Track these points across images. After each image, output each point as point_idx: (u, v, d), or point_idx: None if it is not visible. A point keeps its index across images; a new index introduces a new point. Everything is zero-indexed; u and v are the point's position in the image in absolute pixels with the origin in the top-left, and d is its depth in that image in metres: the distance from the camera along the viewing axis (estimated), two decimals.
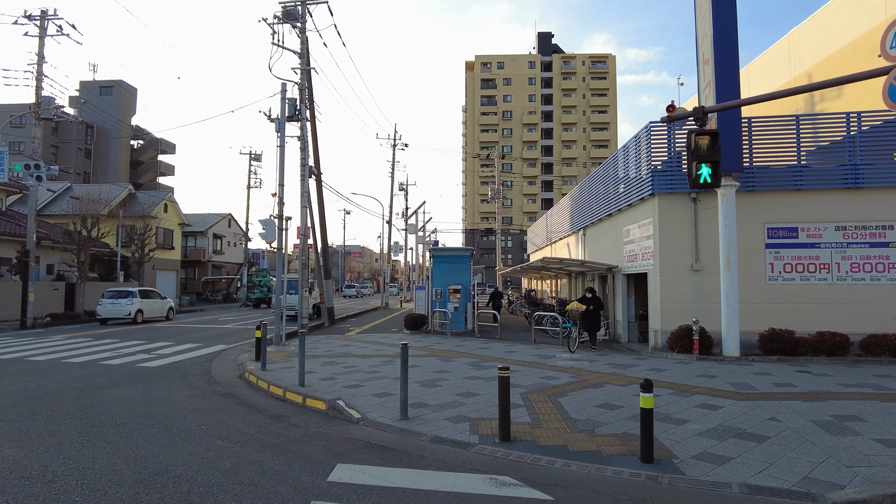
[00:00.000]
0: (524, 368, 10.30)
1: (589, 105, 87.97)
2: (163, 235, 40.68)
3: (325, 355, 12.65)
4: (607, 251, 17.19)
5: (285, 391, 8.44)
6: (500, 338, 15.56)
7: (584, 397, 7.86)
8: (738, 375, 9.35)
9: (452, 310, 18.16)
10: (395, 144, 38.67)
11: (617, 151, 16.19)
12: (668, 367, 10.24)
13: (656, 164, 13.06)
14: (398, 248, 44.30)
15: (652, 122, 13.14)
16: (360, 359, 11.95)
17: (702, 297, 12.59)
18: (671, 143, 13.07)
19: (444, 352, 12.84)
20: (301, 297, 18.94)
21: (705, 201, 12.72)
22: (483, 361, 11.23)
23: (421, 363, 11.08)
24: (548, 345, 14.15)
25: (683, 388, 8.41)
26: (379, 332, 18.42)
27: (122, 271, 33.61)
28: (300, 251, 19.43)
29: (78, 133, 57.46)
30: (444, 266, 18.77)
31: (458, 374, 9.85)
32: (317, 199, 21.93)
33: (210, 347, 14.84)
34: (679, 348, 11.32)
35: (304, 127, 19.81)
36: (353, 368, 10.64)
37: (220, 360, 12.65)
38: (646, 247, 13.69)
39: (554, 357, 11.74)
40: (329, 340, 15.93)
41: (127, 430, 6.33)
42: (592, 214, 18.93)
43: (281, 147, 15.85)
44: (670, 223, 12.89)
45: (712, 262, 12.59)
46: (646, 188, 13.30)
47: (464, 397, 7.95)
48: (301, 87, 20.08)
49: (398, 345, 15.55)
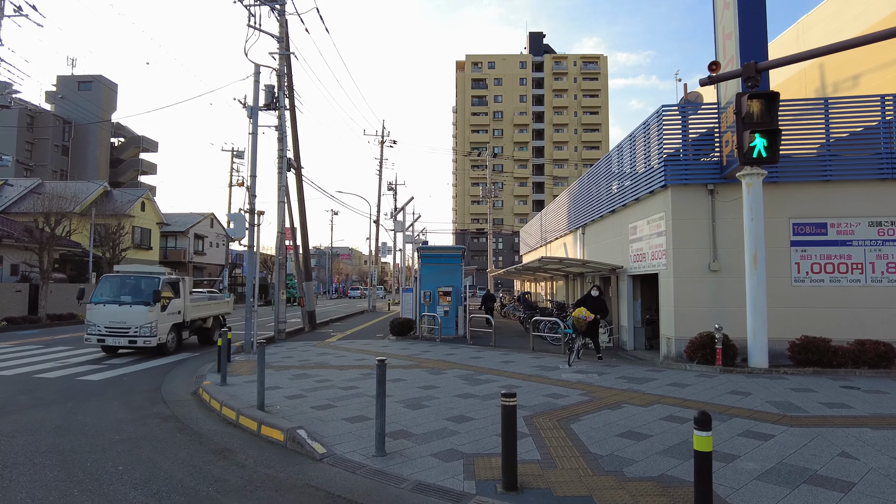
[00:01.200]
0: (525, 384, 8.90)
1: (580, 106, 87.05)
2: (140, 235, 38.90)
3: (298, 366, 11.18)
4: (610, 250, 15.88)
5: (239, 414, 6.97)
6: (494, 345, 14.16)
7: (602, 422, 6.47)
8: (775, 392, 8.02)
9: (442, 314, 16.74)
10: (382, 141, 37.24)
11: (622, 141, 14.89)
12: (691, 382, 8.89)
13: (669, 153, 11.74)
14: (387, 250, 42.81)
15: (664, 106, 11.84)
16: (337, 370, 10.49)
17: (720, 300, 11.28)
18: (686, 129, 11.77)
19: (433, 362, 11.41)
20: (277, 301, 17.46)
21: (724, 193, 11.42)
22: (477, 374, 9.82)
23: (406, 376, 9.65)
24: (548, 353, 12.77)
25: (717, 408, 7.06)
26: (362, 339, 16.95)
27: (94, 272, 31.85)
28: (276, 250, 17.92)
29: (55, 129, 55.38)
30: (434, 266, 17.36)
31: (449, 390, 8.43)
32: (297, 195, 20.45)
33: (174, 356, 13.31)
34: (699, 358, 9.98)
35: (282, 116, 18.36)
36: (327, 383, 9.18)
37: (179, 370, 11.15)
38: (656, 245, 12.37)
39: (557, 369, 10.36)
40: (306, 348, 14.44)
41: (13, 476, 4.84)
42: (593, 211, 17.62)
43: (253, 134, 14.35)
44: (685, 218, 11.58)
45: (732, 262, 11.30)
46: (657, 179, 11.99)
47: (455, 422, 6.53)
48: (279, 74, 18.63)
49: (382, 353, 14.12)
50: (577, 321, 11.01)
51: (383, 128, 37.14)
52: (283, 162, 18.16)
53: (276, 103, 18.09)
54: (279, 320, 17.37)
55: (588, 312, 10.81)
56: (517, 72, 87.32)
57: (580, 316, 10.94)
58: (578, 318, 10.97)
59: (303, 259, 21.03)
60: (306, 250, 20.93)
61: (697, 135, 11.77)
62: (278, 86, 18.40)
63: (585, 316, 10.87)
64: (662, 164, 11.66)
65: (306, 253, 20.95)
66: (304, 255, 20.96)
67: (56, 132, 55.72)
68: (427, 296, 16.81)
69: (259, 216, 14.19)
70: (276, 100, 18.15)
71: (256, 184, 14.25)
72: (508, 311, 27.12)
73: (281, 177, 18.10)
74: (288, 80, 19.70)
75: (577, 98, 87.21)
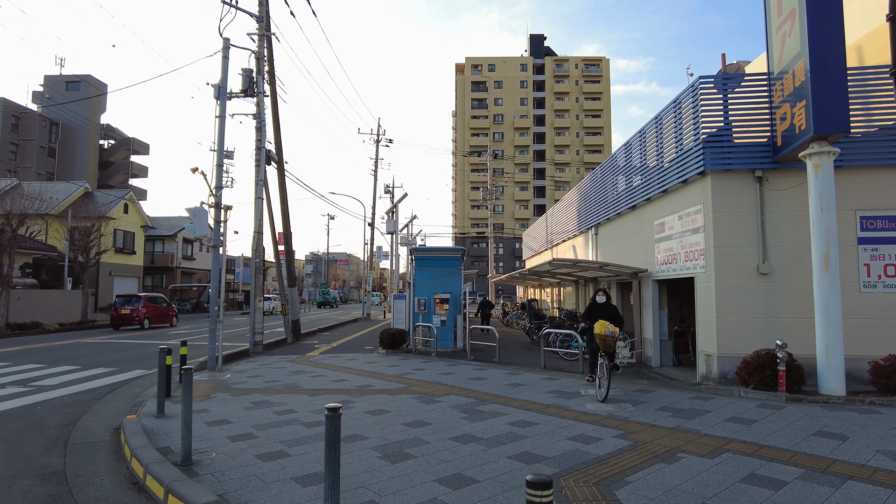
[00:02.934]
0: (541, 418, 6.93)
1: (582, 109, 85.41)
2: (122, 238, 36.94)
3: (262, 389, 9.21)
4: (629, 251, 13.94)
5: (147, 471, 5.00)
6: (498, 361, 12.19)
7: (660, 487, 4.51)
8: (879, 435, 6.01)
9: (439, 324, 14.78)
10: (378, 140, 35.38)
11: (644, 127, 12.98)
12: (755, 415, 6.91)
13: (708, 134, 9.82)
14: (383, 255, 40.80)
15: (702, 78, 9.93)
16: (307, 396, 8.53)
17: (772, 308, 9.34)
18: (727, 104, 9.85)
19: (426, 385, 9.44)
20: (253, 309, 15.50)
21: (776, 180, 9.49)
22: (479, 403, 7.84)
23: (390, 405, 7.68)
24: (563, 373, 10.80)
25: (812, 463, 5.10)
26: (348, 352, 14.97)
27: (69, 277, 29.88)
28: (253, 251, 15.97)
29: (41, 130, 53.59)
30: (430, 270, 15.40)
31: (443, 428, 6.47)
32: (278, 192, 18.53)
33: (124, 373, 11.37)
34: (756, 382, 8.01)
35: (260, 103, 16.47)
36: (290, 416, 7.22)
37: (117, 395, 9.18)
38: (691, 243, 10.44)
39: (579, 395, 8.38)
40: (280, 364, 12.47)
41: None
42: (608, 208, 15.69)
43: (220, 118, 12.44)
44: (728, 211, 9.65)
45: (786, 262, 9.37)
46: (693, 165, 10.07)
47: (450, 488, 4.57)
48: (258, 56, 16.74)
49: (367, 371, 11.11)
50: (604, 340, 8.02)
51: (379, 125, 35.30)
52: (260, 154, 16.25)
53: (254, 88, 16.17)
54: (255, 331, 15.38)
55: (613, 326, 8.06)
56: (518, 74, 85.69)
57: (606, 332, 7.95)
58: (604, 335, 7.97)
59: (285, 262, 19.08)
60: (289, 252, 18.99)
61: (740, 111, 9.87)
62: (257, 70, 16.49)
63: (612, 332, 8.00)
64: (700, 146, 9.74)
65: (289, 255, 19.00)
66: (286, 258, 19.01)
67: (42, 133, 53.93)
68: (421, 303, 14.85)
69: (226, 211, 12.25)
70: (255, 84, 16.23)
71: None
72: (511, 320, 25.16)
73: (258, 170, 16.17)
74: (269, 64, 17.85)
75: (578, 101, 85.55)
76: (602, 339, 8.05)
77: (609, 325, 8.02)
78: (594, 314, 8.76)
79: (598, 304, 9.02)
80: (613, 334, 8.05)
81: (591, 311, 9.02)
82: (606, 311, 8.76)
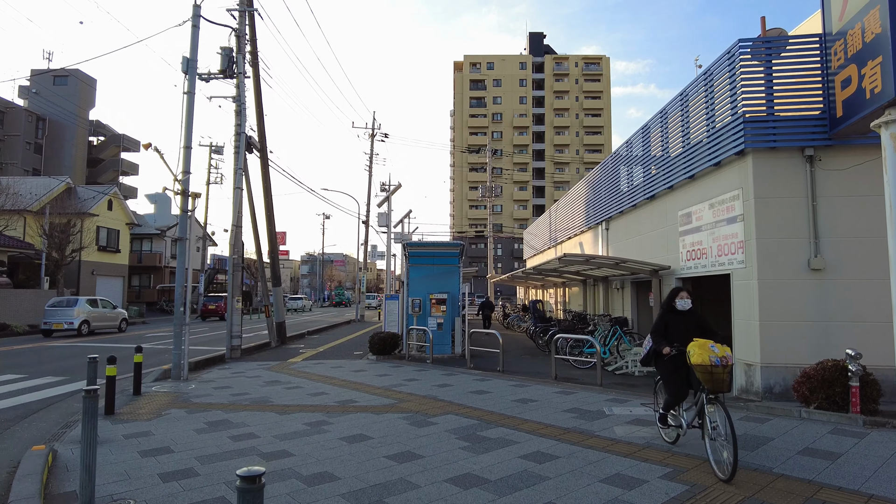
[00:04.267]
0: (563, 448, 5.50)
1: (582, 108, 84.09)
2: (106, 236, 35.40)
3: (225, 405, 7.77)
4: (647, 247, 12.53)
5: None
6: (501, 370, 10.75)
7: None
8: None
9: (435, 327, 13.35)
10: (373, 134, 33.96)
11: (666, 106, 11.58)
12: (834, 446, 5.49)
13: (748, 107, 8.42)
14: (379, 254, 39.34)
15: (741, 41, 8.53)
16: (276, 415, 7.09)
17: (827, 310, 7.94)
18: (770, 73, 8.45)
19: (419, 400, 8.00)
20: (231, 311, 14.05)
21: (831, 159, 8.10)
22: (484, 426, 6.40)
23: (373, 430, 6.24)
24: (578, 384, 9.36)
25: None
26: (335, 357, 13.53)
27: (47, 276, 28.36)
28: (230, 246, 14.52)
29: (27, 125, 52.03)
30: (425, 268, 13.97)
31: (438, 465, 5.03)
32: (261, 183, 17.09)
33: (75, 383, 9.94)
34: (820, 401, 6.59)
35: (241, 85, 15.06)
36: (248, 442, 5.78)
37: (51, 413, 7.73)
38: (726, 235, 9.03)
39: (602, 415, 6.95)
40: (256, 373, 11.02)
41: None
42: (621, 200, 14.28)
43: (189, 93, 10.99)
44: (772, 196, 8.25)
45: (842, 256, 7.98)
46: (729, 144, 8.67)
47: None
48: (239, 34, 15.34)
49: (351, 382, 9.16)
50: (711, 375, 4.67)
51: (374, 119, 33.90)
52: (240, 139, 14.82)
53: (233, 69, 14.79)
54: (233, 334, 13.94)
55: (723, 347, 4.75)
56: (517, 73, 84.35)
57: (713, 362, 4.64)
58: (710, 367, 4.65)
59: (270, 260, 17.63)
60: (274, 250, 17.53)
61: (788, 80, 8.46)
62: (237, 48, 15.12)
63: (723, 359, 4.66)
64: (740, 121, 8.34)
65: (274, 253, 17.55)
66: (271, 256, 17.57)
67: (28, 128, 52.39)
68: (416, 304, 13.41)
69: (194, 199, 10.78)
70: (235, 64, 14.86)
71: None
72: (512, 322, 23.74)
73: (238, 157, 14.76)
74: (251, 44, 16.39)
75: (578, 100, 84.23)
76: (707, 373, 4.65)
77: (715, 347, 4.69)
78: (675, 328, 5.32)
79: (678, 313, 5.39)
80: (726, 364, 4.62)
81: (666, 321, 5.42)
82: (693, 323, 5.29)
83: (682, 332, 5.20)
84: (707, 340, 4.82)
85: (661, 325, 5.44)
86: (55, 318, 19.89)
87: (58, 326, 19.74)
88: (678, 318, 5.39)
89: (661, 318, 5.52)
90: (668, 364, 5.25)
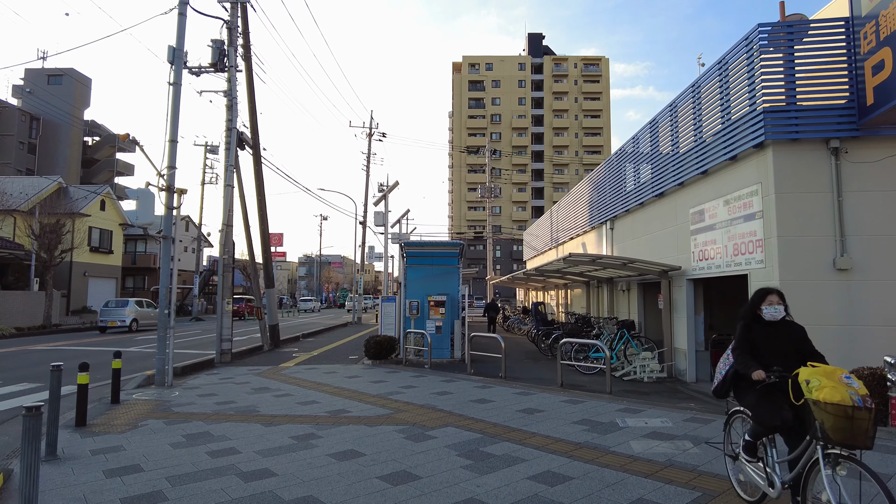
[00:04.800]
0: (577, 468, 4.95)
1: (581, 109, 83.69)
2: (98, 236, 34.77)
3: (208, 415, 7.20)
4: (655, 246, 12.00)
5: None
6: (504, 376, 10.18)
7: None
8: None
9: (434, 330, 12.80)
10: (371, 133, 33.43)
11: (676, 99, 11.06)
12: (877, 466, 4.94)
13: (768, 96, 7.90)
14: (377, 256, 38.75)
15: (760, 26, 8.01)
16: (262, 426, 6.52)
17: (854, 314, 7.42)
18: (792, 59, 7.93)
19: (416, 410, 7.44)
20: (220, 313, 13.48)
21: (858, 151, 7.59)
22: (487, 441, 5.84)
23: (364, 446, 5.67)
24: (585, 392, 8.81)
25: None
26: (329, 363, 12.96)
27: (36, 278, 27.75)
28: (221, 246, 13.96)
29: (21, 124, 51.42)
30: (423, 269, 13.43)
31: (437, 489, 4.47)
32: (254, 181, 16.53)
33: (66, 387, 9.28)
34: None
35: (232, 79, 14.50)
36: (227, 459, 5.22)
37: (15, 424, 7.12)
38: (743, 233, 8.50)
39: (616, 427, 6.39)
40: (245, 378, 10.45)
41: None
42: (627, 199, 13.75)
43: (175, 84, 10.41)
44: (795, 190, 7.73)
45: (871, 256, 7.46)
46: (747, 136, 8.15)
47: None
48: (230, 26, 14.75)
49: (345, 390, 8.25)
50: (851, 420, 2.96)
51: (371, 118, 33.37)
52: (231, 135, 14.25)
53: (224, 62, 14.24)
54: (223, 337, 13.36)
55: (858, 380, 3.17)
56: (516, 73, 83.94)
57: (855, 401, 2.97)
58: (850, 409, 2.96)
59: (263, 261, 17.07)
60: (266, 250, 16.97)
61: (811, 68, 7.94)
62: (229, 41, 14.55)
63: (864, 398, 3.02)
64: (759, 112, 7.82)
65: (266, 253, 16.98)
66: (264, 256, 17.00)
67: (22, 128, 51.79)
68: (414, 307, 12.86)
69: (180, 195, 10.20)
70: (226, 57, 14.31)
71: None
72: (513, 325, 23.19)
73: (229, 153, 14.19)
74: (244, 37, 15.87)
75: (577, 101, 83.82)
76: (844, 419, 2.98)
77: (853, 380, 3.14)
78: (763, 345, 3.86)
79: (767, 325, 3.91)
80: (871, 407, 2.99)
81: (749, 334, 3.93)
82: (786, 338, 3.85)
83: (774, 352, 3.76)
84: (833, 368, 3.29)
85: (744, 340, 3.89)
86: (110, 317, 22.65)
87: (112, 324, 22.53)
88: (767, 330, 3.88)
89: (743, 330, 3.94)
90: (762, 396, 3.66)
